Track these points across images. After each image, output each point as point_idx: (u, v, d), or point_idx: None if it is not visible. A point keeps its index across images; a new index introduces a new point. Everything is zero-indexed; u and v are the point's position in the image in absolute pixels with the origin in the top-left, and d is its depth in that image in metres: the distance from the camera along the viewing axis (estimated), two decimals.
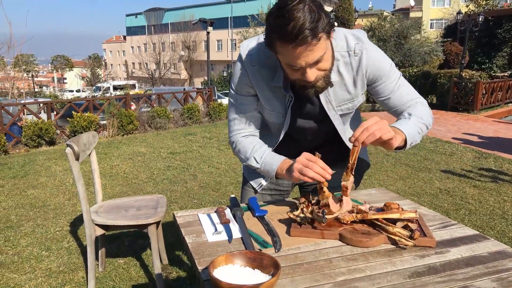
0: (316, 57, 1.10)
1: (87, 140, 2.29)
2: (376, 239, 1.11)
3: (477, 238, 1.16)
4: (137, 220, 2.14)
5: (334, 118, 1.36)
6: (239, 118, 1.41)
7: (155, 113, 8.92)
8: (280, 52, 1.12)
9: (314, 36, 1.04)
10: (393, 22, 13.22)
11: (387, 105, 1.36)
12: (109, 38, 64.91)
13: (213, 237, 1.16)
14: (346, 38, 1.26)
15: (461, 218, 3.46)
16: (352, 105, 1.36)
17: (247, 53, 1.31)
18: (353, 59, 1.26)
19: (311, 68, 1.12)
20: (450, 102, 10.57)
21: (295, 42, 1.04)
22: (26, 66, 34.98)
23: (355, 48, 1.25)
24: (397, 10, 49.92)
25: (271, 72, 1.28)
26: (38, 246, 3.02)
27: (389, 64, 1.31)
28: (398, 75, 1.33)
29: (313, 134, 1.45)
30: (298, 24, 1.01)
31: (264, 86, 1.32)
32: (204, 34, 14.24)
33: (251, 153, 1.39)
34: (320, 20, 1.04)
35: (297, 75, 1.16)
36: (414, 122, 1.26)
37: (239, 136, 1.43)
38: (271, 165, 1.33)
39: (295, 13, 1.02)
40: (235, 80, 1.36)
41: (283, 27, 1.04)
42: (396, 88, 1.32)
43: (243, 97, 1.38)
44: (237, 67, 1.34)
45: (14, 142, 7.21)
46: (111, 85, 36.22)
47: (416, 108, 1.31)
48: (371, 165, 5.19)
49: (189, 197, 4.10)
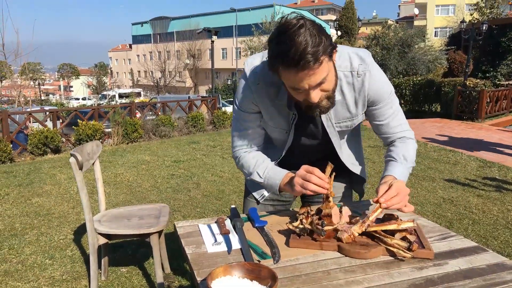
0: (319, 79, 1.11)
1: (91, 150, 2.32)
2: (374, 250, 1.11)
3: (476, 250, 1.16)
4: (139, 229, 2.15)
5: (332, 134, 1.39)
6: (242, 134, 1.43)
7: (160, 121, 8.97)
8: (283, 76, 1.14)
9: (316, 60, 1.05)
10: (397, 31, 13.24)
11: (379, 130, 1.39)
12: (115, 47, 65.50)
13: (213, 248, 1.17)
14: (350, 58, 1.27)
15: (464, 228, 3.45)
16: (351, 123, 1.38)
17: (252, 71, 1.31)
18: (356, 80, 1.27)
19: (315, 89, 1.13)
20: (454, 111, 10.55)
21: (297, 67, 1.05)
22: (33, 74, 35.37)
23: (359, 69, 1.26)
24: (401, 19, 50.09)
25: (276, 90, 1.29)
26: (42, 254, 3.04)
27: (390, 90, 1.33)
28: (396, 103, 1.36)
29: (315, 150, 1.47)
30: (300, 50, 1.02)
31: (269, 103, 1.33)
32: (209, 43, 14.35)
33: (254, 167, 1.40)
34: (321, 44, 1.05)
35: (301, 97, 1.17)
36: (408, 169, 1.34)
37: (242, 151, 1.44)
38: (274, 180, 1.35)
39: (296, 39, 1.03)
40: (239, 97, 1.36)
41: (285, 53, 1.05)
42: (392, 116, 1.35)
43: (247, 113, 1.38)
44: (241, 84, 1.35)
45: (19, 150, 7.28)
46: (117, 93, 36.52)
47: (409, 149, 1.37)
48: (375, 174, 5.21)
49: (192, 206, 4.12)
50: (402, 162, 1.32)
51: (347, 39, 17.14)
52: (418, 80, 12.12)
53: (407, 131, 1.39)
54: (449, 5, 42.79)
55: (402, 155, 1.33)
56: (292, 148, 1.44)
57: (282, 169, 1.37)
